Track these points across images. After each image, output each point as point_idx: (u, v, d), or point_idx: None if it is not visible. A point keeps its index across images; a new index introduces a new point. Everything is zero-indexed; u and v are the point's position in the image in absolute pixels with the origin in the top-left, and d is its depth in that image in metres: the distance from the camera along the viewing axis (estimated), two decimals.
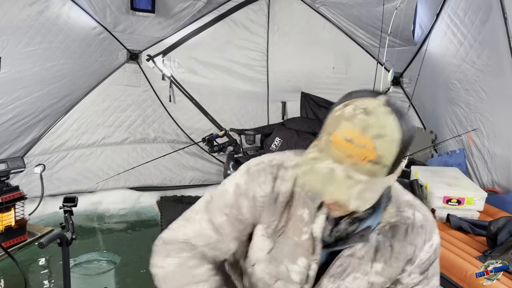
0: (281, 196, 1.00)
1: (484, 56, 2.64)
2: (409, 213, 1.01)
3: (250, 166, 1.04)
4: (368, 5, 3.65)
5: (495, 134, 2.70)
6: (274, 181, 1.00)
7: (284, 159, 1.03)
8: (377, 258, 1.00)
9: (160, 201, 4.61)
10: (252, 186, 1.01)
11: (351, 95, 0.87)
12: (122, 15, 3.89)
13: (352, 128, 0.79)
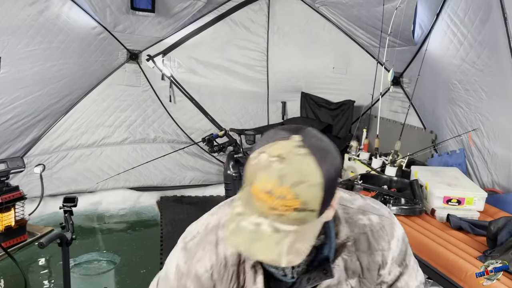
0: (229, 259, 0.93)
1: (484, 56, 2.64)
2: (364, 220, 0.97)
3: (186, 241, 0.98)
4: (368, 5, 3.65)
5: (495, 134, 2.70)
6: (216, 248, 0.93)
7: (220, 217, 0.97)
8: (349, 275, 0.97)
9: (160, 201, 4.61)
10: (191, 264, 0.94)
11: (268, 135, 0.80)
12: (122, 15, 3.89)
13: (269, 179, 0.73)
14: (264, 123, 5.02)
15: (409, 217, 2.25)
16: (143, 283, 2.99)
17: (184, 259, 0.96)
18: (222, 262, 0.93)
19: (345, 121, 4.57)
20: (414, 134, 3.77)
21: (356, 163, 3.30)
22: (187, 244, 0.97)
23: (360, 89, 4.36)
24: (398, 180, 2.59)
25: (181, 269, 0.96)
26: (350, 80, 4.68)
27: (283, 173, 0.72)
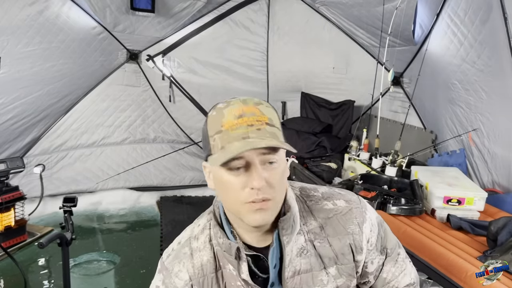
0: (205, 267, 0.95)
1: (484, 56, 2.64)
2: (329, 205, 0.98)
3: (163, 261, 1.00)
4: (368, 5, 3.65)
5: (495, 134, 2.70)
6: (191, 259, 0.96)
7: (191, 229, 1.01)
8: (326, 262, 0.96)
9: (160, 201, 4.61)
10: (170, 281, 0.96)
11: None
12: (122, 15, 3.89)
13: (236, 107, 0.83)
14: None
15: (409, 217, 2.25)
16: (143, 283, 2.99)
17: (162, 278, 0.97)
18: (200, 272, 0.95)
19: (345, 121, 4.57)
20: (414, 134, 3.76)
21: (356, 163, 3.29)
22: (164, 264, 0.99)
23: (360, 89, 4.35)
24: (398, 180, 2.59)
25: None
26: (350, 80, 4.68)
27: (244, 99, 0.85)
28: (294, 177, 3.27)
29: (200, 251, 0.96)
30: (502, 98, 2.60)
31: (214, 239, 0.95)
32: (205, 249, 0.96)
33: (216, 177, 0.88)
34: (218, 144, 0.82)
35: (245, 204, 0.84)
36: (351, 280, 1.00)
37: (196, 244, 0.97)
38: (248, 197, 0.83)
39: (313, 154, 4.05)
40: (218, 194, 0.92)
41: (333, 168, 3.36)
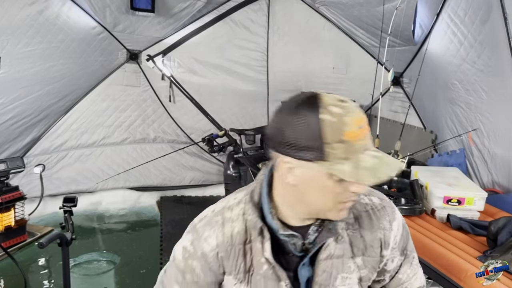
0: (235, 237, 0.98)
1: (484, 56, 2.64)
2: (366, 200, 1.04)
3: (195, 224, 1.03)
4: (368, 5, 3.65)
5: (495, 134, 2.70)
6: (223, 228, 0.98)
7: (227, 200, 1.04)
8: (355, 252, 1.01)
9: (160, 201, 4.61)
10: (198, 244, 0.99)
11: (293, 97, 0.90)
12: (122, 15, 3.89)
13: (357, 117, 0.84)
14: (264, 123, 5.01)
15: (409, 217, 2.25)
16: (143, 283, 3.00)
17: (191, 240, 1.01)
18: (228, 241, 0.97)
19: None
20: (414, 134, 3.77)
21: None
22: (195, 227, 1.02)
23: (360, 89, 4.35)
24: (398, 180, 2.58)
25: (188, 250, 1.00)
26: (350, 80, 4.68)
27: (357, 107, 0.86)
28: None
29: (233, 222, 0.98)
30: (502, 98, 2.60)
31: (245, 215, 0.99)
32: (237, 221, 0.98)
33: (308, 177, 0.87)
34: (340, 154, 0.83)
35: (339, 204, 0.90)
36: (373, 273, 1.05)
37: (230, 214, 0.99)
38: (347, 198, 0.90)
39: None
40: (300, 191, 0.91)
41: None
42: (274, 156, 0.92)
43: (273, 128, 0.89)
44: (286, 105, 0.89)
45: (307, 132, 0.83)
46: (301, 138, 0.84)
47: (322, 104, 0.84)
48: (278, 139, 0.87)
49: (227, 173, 4.63)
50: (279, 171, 0.93)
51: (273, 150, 0.90)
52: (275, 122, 0.90)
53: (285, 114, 0.87)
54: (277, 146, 0.88)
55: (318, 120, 0.82)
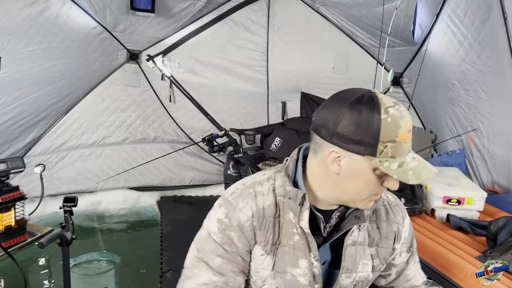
0: (267, 210, 1.03)
1: (484, 56, 2.64)
2: (383, 195, 1.14)
3: (226, 197, 1.06)
4: (368, 5, 3.65)
5: (495, 134, 2.70)
6: (255, 199, 1.03)
7: (255, 176, 1.08)
8: (370, 242, 1.10)
9: (160, 201, 4.61)
10: (234, 215, 1.02)
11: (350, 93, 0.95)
12: (122, 15, 3.89)
13: (408, 120, 0.92)
14: (264, 123, 5.02)
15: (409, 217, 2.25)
16: (143, 283, 3.01)
17: (226, 212, 1.03)
18: (261, 212, 1.03)
19: None
20: (414, 134, 3.73)
21: None
22: (227, 199, 1.05)
23: None
24: None
25: (224, 222, 1.03)
26: (350, 80, 4.68)
27: (407, 111, 0.93)
28: None
29: (263, 196, 1.04)
30: (501, 98, 2.60)
31: (280, 188, 1.04)
32: (268, 195, 1.04)
33: (353, 168, 0.94)
34: (389, 152, 0.90)
35: (372, 196, 0.98)
36: (383, 264, 1.14)
37: (260, 188, 1.05)
38: (378, 192, 0.98)
39: None
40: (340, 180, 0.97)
41: None
42: (319, 142, 0.96)
43: (325, 118, 0.94)
44: (342, 99, 0.93)
45: (366, 129, 0.89)
46: (358, 133, 0.90)
47: (382, 105, 0.90)
48: (330, 129, 0.92)
49: (227, 173, 4.64)
50: (322, 157, 0.97)
51: (321, 137, 0.95)
52: (329, 112, 0.94)
53: (342, 107, 0.91)
54: (328, 135, 0.93)
55: (379, 119, 0.89)
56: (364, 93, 0.93)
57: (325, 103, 0.98)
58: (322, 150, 0.96)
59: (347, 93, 0.95)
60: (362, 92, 0.93)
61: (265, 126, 4.94)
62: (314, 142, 0.99)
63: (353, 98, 0.92)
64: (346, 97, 0.93)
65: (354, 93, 0.94)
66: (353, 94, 0.93)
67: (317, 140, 0.97)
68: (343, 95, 0.95)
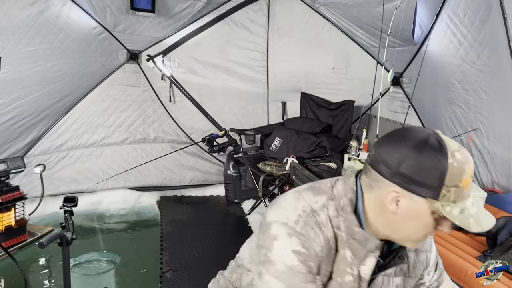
0: (330, 242, 1.00)
1: (483, 56, 2.64)
2: None
3: (291, 226, 0.99)
4: (368, 5, 3.65)
5: (494, 134, 2.70)
6: (321, 230, 0.99)
7: (309, 200, 1.03)
8: (396, 272, 1.07)
9: (160, 201, 4.61)
10: (310, 245, 0.98)
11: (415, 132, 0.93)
12: (122, 15, 3.89)
13: (471, 166, 0.90)
14: (264, 123, 5.02)
15: None
16: (143, 283, 3.01)
17: (301, 242, 0.97)
18: (327, 243, 1.00)
19: (345, 121, 4.57)
20: None
21: (356, 163, 3.30)
22: (295, 230, 0.98)
23: (360, 89, 4.36)
24: None
25: (303, 252, 0.97)
26: (350, 80, 4.68)
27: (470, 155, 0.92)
28: (294, 177, 3.27)
29: (325, 227, 1.00)
30: (501, 98, 2.60)
31: (335, 219, 1.00)
32: (327, 227, 1.00)
33: (412, 210, 0.92)
34: (451, 197, 0.88)
35: (422, 237, 0.97)
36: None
37: (319, 218, 1.00)
38: (431, 234, 0.98)
39: (313, 154, 4.06)
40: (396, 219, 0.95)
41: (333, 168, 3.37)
42: (377, 179, 0.94)
43: (386, 155, 0.92)
44: (406, 138, 0.91)
45: (431, 172, 0.88)
46: (422, 174, 0.88)
47: (448, 148, 0.89)
48: (393, 168, 0.91)
49: (227, 173, 4.64)
50: (379, 195, 0.95)
51: (381, 175, 0.93)
52: (391, 149, 0.92)
53: (406, 146, 0.90)
54: (389, 174, 0.91)
55: (446, 163, 0.87)
56: (429, 134, 0.91)
57: (386, 139, 0.96)
58: (380, 188, 0.94)
59: (411, 133, 0.93)
60: (427, 132, 0.92)
61: (265, 126, 4.94)
62: (370, 178, 0.97)
63: (418, 138, 0.90)
64: (410, 136, 0.91)
65: (418, 133, 0.92)
66: (418, 134, 0.91)
67: (375, 177, 0.95)
68: (406, 134, 0.93)
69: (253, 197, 4.61)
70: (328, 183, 1.08)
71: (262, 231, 1.04)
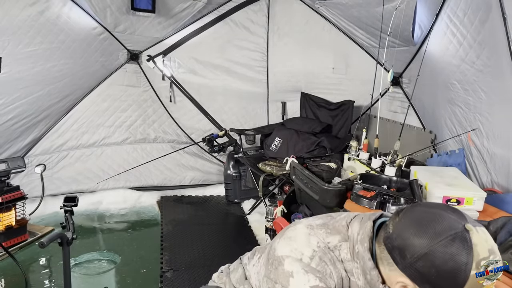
0: (344, 278, 0.99)
1: (483, 56, 2.64)
2: None
3: (307, 263, 0.98)
4: (367, 6, 3.66)
5: (494, 134, 2.70)
6: (335, 268, 0.98)
7: (322, 238, 1.01)
8: None
9: (160, 201, 4.62)
10: (326, 281, 0.96)
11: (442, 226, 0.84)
12: (123, 15, 3.90)
13: (495, 281, 0.85)
14: (264, 123, 5.03)
15: None
16: (144, 283, 3.01)
17: (318, 278, 0.96)
18: (340, 281, 0.98)
19: (344, 121, 4.58)
20: (414, 134, 3.77)
21: (355, 163, 3.30)
22: (310, 265, 0.97)
23: (360, 89, 4.36)
24: (397, 180, 2.60)
25: (322, 287, 0.96)
26: (349, 81, 4.69)
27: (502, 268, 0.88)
28: (294, 177, 3.28)
29: (337, 266, 0.98)
30: (501, 98, 2.60)
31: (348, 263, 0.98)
32: (339, 266, 0.98)
33: None
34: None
35: None
36: None
37: (334, 257, 0.99)
38: None
39: (313, 154, 4.06)
40: None
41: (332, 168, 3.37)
42: (389, 261, 0.88)
43: (404, 243, 0.85)
44: (430, 229, 0.82)
45: (449, 280, 0.81)
46: (438, 280, 0.81)
47: (475, 256, 0.81)
48: (407, 260, 0.83)
49: (227, 173, 4.65)
50: (387, 274, 0.91)
51: (394, 261, 0.87)
52: (411, 239, 0.83)
53: (428, 242, 0.81)
54: (403, 265, 0.85)
55: (467, 275, 0.81)
56: (457, 233, 0.81)
57: (408, 220, 0.87)
58: (390, 270, 0.89)
59: (438, 225, 0.82)
60: (455, 231, 0.81)
61: (265, 126, 4.95)
62: (383, 254, 0.91)
63: (444, 236, 0.81)
64: (436, 231, 0.82)
65: (446, 229, 0.81)
66: (444, 230, 0.81)
67: (387, 257, 0.89)
68: (432, 225, 0.83)
69: (253, 197, 4.62)
70: (343, 221, 1.03)
71: (273, 265, 1.01)
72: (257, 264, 1.25)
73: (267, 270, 1.04)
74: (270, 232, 3.45)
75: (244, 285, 1.28)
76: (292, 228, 1.06)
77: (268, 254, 1.06)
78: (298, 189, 3.27)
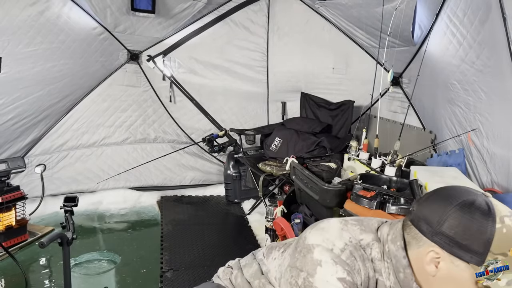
0: (369, 280, 0.98)
1: (483, 57, 2.65)
2: None
3: (337, 254, 0.97)
4: (367, 6, 3.66)
5: (494, 134, 2.71)
6: (365, 264, 0.97)
7: (355, 235, 1.01)
8: None
9: (160, 201, 4.62)
10: (354, 276, 0.96)
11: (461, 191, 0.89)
12: (123, 16, 3.90)
13: None
14: (264, 123, 5.03)
15: None
16: (144, 283, 3.02)
17: (346, 271, 0.96)
18: (367, 279, 0.97)
19: (344, 121, 4.58)
20: (414, 134, 3.78)
21: (355, 163, 3.31)
22: (340, 257, 0.97)
23: (360, 89, 4.37)
24: (397, 180, 2.60)
25: (348, 280, 0.95)
26: (349, 81, 4.69)
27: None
28: (294, 177, 3.28)
29: (368, 264, 0.98)
30: (501, 98, 2.60)
31: (378, 262, 0.98)
32: (368, 265, 0.98)
33: (453, 275, 0.88)
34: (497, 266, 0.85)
35: None
36: None
37: (365, 254, 0.98)
38: None
39: (313, 154, 4.07)
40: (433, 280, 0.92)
41: (332, 168, 3.37)
42: (416, 237, 0.90)
43: (428, 212, 0.88)
44: (452, 196, 0.87)
45: (477, 235, 0.83)
46: (466, 237, 0.83)
47: (497, 212, 0.84)
48: (434, 226, 0.86)
49: (227, 173, 4.65)
50: (417, 253, 0.91)
51: (421, 232, 0.88)
52: (434, 207, 0.88)
53: (451, 205, 0.85)
54: (430, 232, 0.87)
55: (493, 228, 0.82)
56: (477, 195, 0.86)
57: (429, 196, 0.92)
58: (419, 246, 0.91)
59: (457, 191, 0.88)
60: (475, 194, 0.87)
61: (265, 126, 4.95)
62: (410, 235, 0.93)
63: (464, 198, 0.86)
64: (456, 195, 0.87)
65: (465, 192, 0.87)
66: (464, 193, 0.87)
67: (414, 234, 0.91)
68: (452, 192, 0.88)
69: (253, 197, 4.62)
70: (375, 223, 1.04)
71: (301, 253, 1.00)
72: (280, 257, 1.24)
73: (293, 259, 1.03)
74: (270, 232, 3.45)
75: (261, 279, 1.27)
76: (325, 221, 1.06)
77: (297, 243, 1.05)
78: (298, 189, 3.27)
